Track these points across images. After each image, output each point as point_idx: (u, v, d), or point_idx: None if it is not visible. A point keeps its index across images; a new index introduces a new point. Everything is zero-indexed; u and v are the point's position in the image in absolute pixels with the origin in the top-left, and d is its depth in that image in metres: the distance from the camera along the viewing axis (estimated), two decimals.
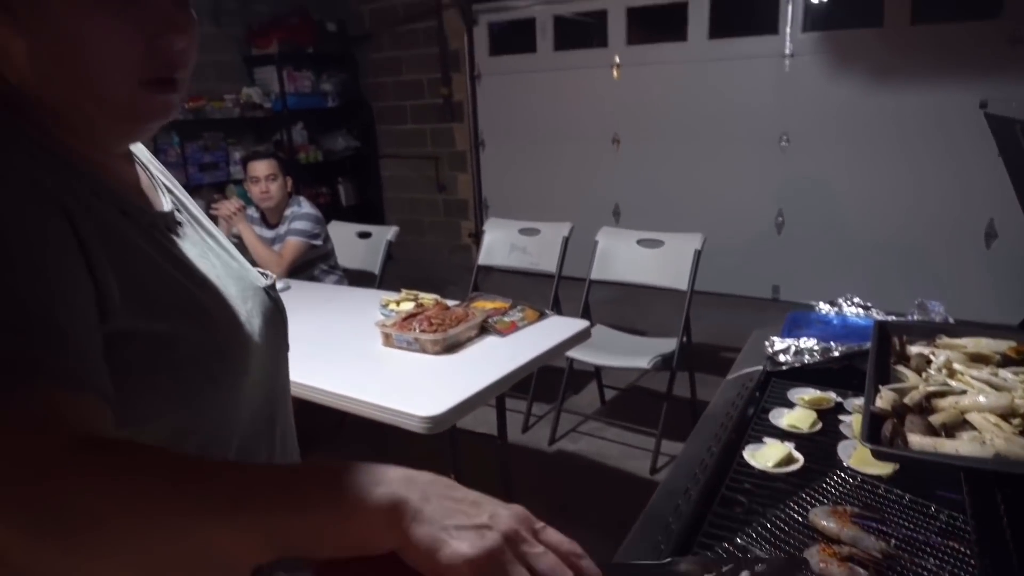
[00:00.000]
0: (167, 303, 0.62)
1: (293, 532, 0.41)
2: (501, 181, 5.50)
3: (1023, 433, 0.81)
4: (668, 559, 0.67)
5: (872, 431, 0.81)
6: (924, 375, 0.98)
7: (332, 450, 2.73)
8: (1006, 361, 1.03)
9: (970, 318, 1.49)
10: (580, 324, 2.08)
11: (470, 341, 1.94)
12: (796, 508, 0.89)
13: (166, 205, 0.73)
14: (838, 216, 4.27)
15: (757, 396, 1.27)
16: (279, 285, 0.83)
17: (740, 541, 0.84)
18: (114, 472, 0.43)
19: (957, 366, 0.98)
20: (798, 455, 1.02)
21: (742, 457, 1.04)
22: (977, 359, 1.03)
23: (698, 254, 2.70)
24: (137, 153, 0.75)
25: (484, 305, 2.15)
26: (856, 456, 0.99)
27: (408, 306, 2.17)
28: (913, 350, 1.06)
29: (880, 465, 0.93)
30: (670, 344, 2.73)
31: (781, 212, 4.47)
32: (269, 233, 2.99)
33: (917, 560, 0.77)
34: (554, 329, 2.04)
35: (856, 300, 1.59)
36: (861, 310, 1.54)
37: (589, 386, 3.29)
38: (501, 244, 3.19)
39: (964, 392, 0.90)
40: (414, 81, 5.66)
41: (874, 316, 1.48)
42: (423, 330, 1.87)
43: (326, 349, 1.94)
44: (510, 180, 5.45)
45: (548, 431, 2.94)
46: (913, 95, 3.91)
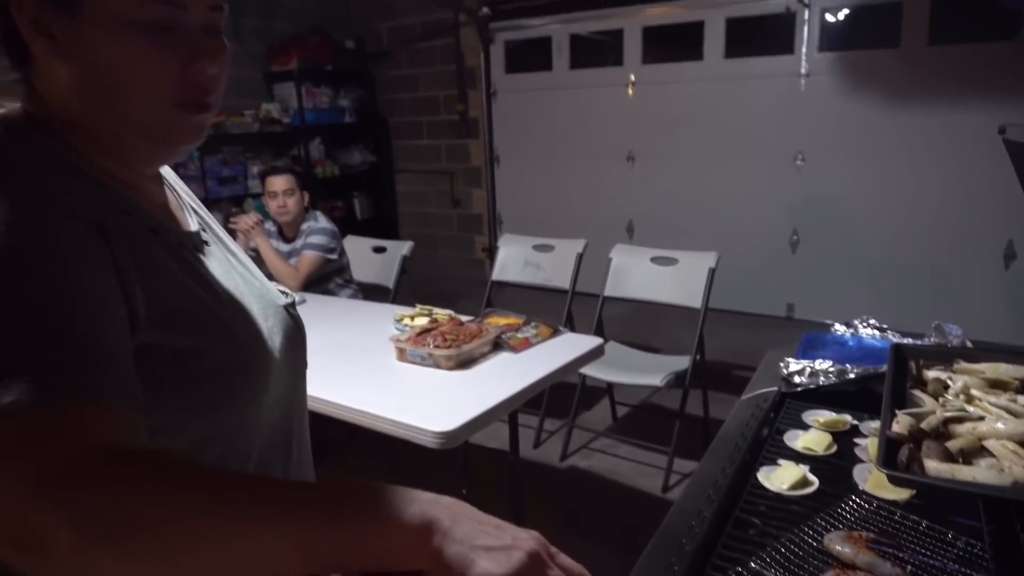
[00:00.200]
0: (192, 319, 0.63)
1: (328, 546, 0.42)
2: (515, 197, 5.53)
3: None
4: None
5: (888, 456, 0.81)
6: (941, 400, 0.98)
7: (345, 463, 2.73)
8: None
9: (988, 340, 1.48)
10: (593, 341, 2.08)
11: (484, 357, 1.94)
12: (811, 532, 0.89)
13: (193, 225, 0.75)
14: (853, 235, 4.25)
15: (771, 417, 1.26)
16: (296, 297, 0.85)
17: (754, 565, 0.83)
18: (158, 480, 0.44)
19: (975, 392, 0.97)
20: (813, 478, 1.02)
21: (756, 479, 1.03)
22: (996, 385, 1.02)
23: (712, 272, 2.69)
24: (165, 175, 0.77)
25: (498, 321, 2.16)
26: (872, 480, 0.98)
27: (422, 321, 2.19)
28: (930, 374, 1.05)
29: (896, 490, 0.93)
30: (683, 362, 2.72)
31: (796, 231, 4.45)
32: (286, 247, 3.02)
33: None
34: (567, 346, 2.05)
35: (872, 321, 1.58)
36: (877, 332, 1.53)
37: (601, 402, 3.28)
38: (515, 260, 3.20)
39: (982, 418, 0.89)
40: (430, 97, 5.71)
41: (890, 338, 1.47)
42: (437, 345, 1.88)
43: (341, 363, 1.95)
44: (524, 196, 5.48)
45: (560, 447, 2.93)
46: (930, 115, 3.90)
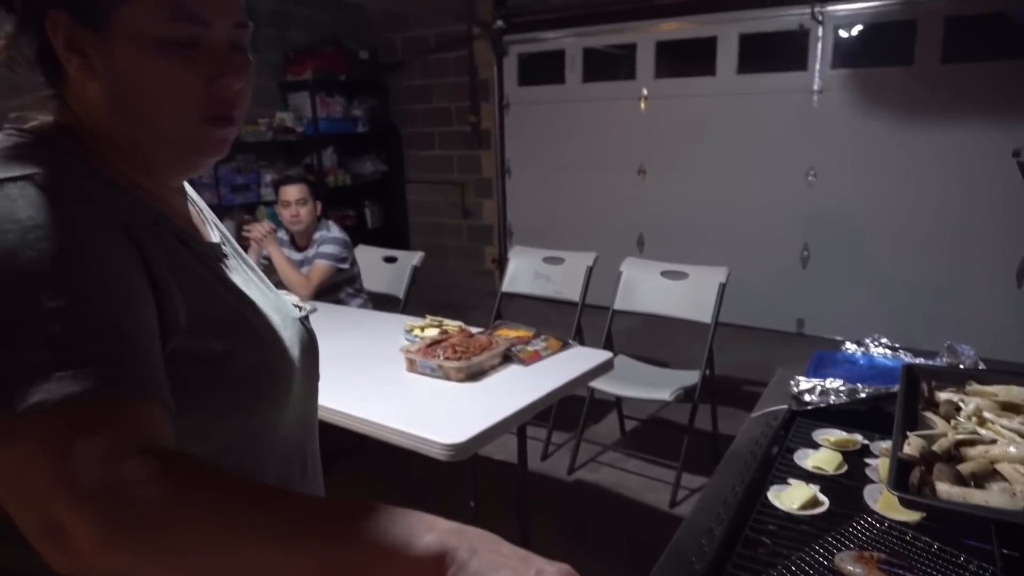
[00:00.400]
0: (222, 323, 0.65)
1: (344, 566, 0.43)
2: (526, 208, 5.55)
3: None
4: None
5: (899, 478, 0.81)
6: (953, 423, 0.98)
7: (353, 472, 2.74)
8: None
9: (1000, 358, 1.47)
10: (603, 355, 2.08)
11: (493, 369, 1.95)
12: (821, 552, 0.89)
13: (215, 237, 0.77)
14: (864, 251, 4.24)
15: (782, 435, 1.26)
16: (307, 306, 0.86)
17: None
18: (186, 483, 0.45)
19: (987, 414, 0.97)
20: (823, 498, 1.01)
21: (766, 498, 1.03)
22: (1008, 408, 1.01)
23: (723, 287, 2.69)
24: (187, 190, 0.79)
25: (507, 333, 2.16)
26: (883, 501, 0.98)
27: (432, 332, 2.19)
28: (942, 396, 1.05)
29: (908, 511, 0.92)
30: (692, 377, 2.71)
31: (807, 246, 4.44)
32: (297, 256, 3.04)
33: None
34: (577, 360, 2.05)
35: (883, 340, 1.57)
36: (888, 351, 1.53)
37: (609, 416, 3.28)
38: (525, 272, 3.21)
39: (994, 441, 0.89)
40: (443, 108, 5.75)
41: (902, 358, 1.47)
42: (447, 357, 1.88)
43: (351, 373, 1.96)
44: (535, 207, 5.50)
45: (567, 460, 2.92)
46: (943, 133, 3.90)
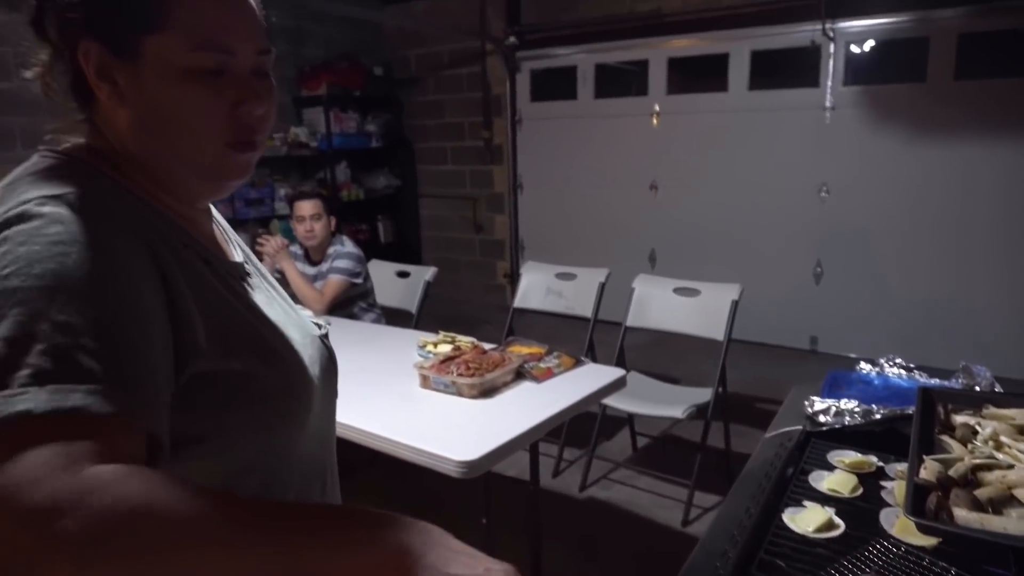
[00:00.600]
0: (242, 344, 0.67)
1: (307, 563, 0.45)
2: (538, 223, 5.57)
3: None
4: None
5: (916, 503, 0.80)
6: (970, 446, 0.97)
7: (365, 487, 2.74)
8: None
9: (1017, 377, 1.46)
10: (615, 373, 2.08)
11: (506, 386, 1.95)
12: None
13: (238, 256, 0.79)
14: (878, 269, 4.22)
15: (796, 456, 1.26)
16: (320, 320, 0.88)
17: None
18: (135, 494, 0.45)
19: (1004, 439, 0.96)
20: (839, 521, 1.01)
21: (781, 520, 1.03)
22: None
23: (735, 305, 2.69)
24: (211, 210, 0.81)
25: (520, 350, 2.17)
26: (900, 525, 0.97)
27: (446, 348, 2.20)
28: (958, 420, 1.05)
29: (925, 536, 0.92)
30: (705, 394, 2.71)
31: (820, 263, 4.43)
32: (311, 270, 3.07)
33: None
34: (589, 377, 2.05)
35: (898, 361, 1.57)
36: (903, 371, 1.53)
37: (621, 432, 3.27)
38: (537, 287, 3.22)
39: (1012, 466, 0.89)
40: (456, 124, 5.80)
41: (917, 379, 1.46)
42: (460, 374, 1.89)
43: (364, 388, 1.97)
44: (547, 222, 5.52)
45: (579, 477, 2.91)
46: (956, 151, 3.89)
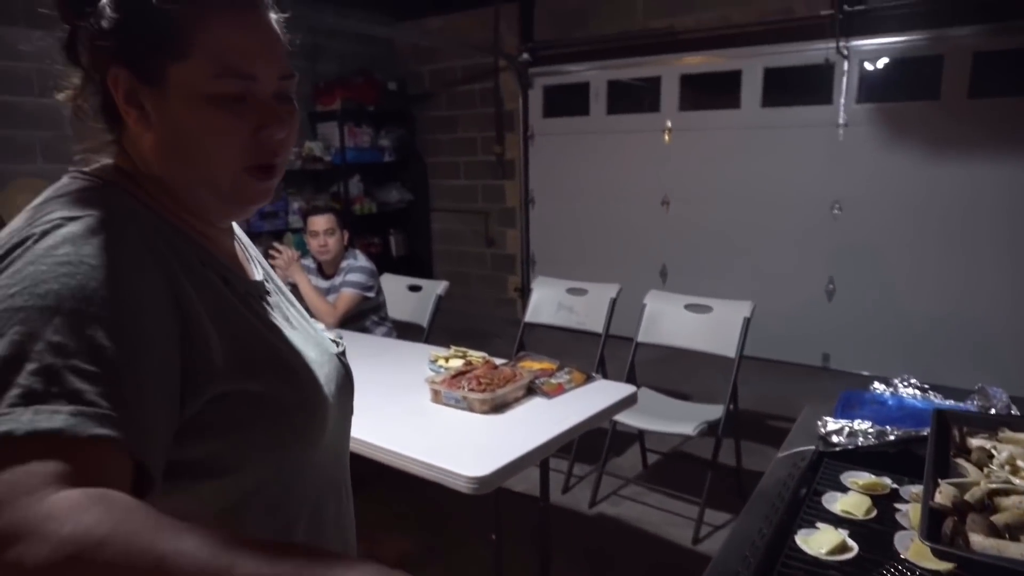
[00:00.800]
0: (260, 363, 0.67)
1: None
2: (549, 238, 5.58)
3: None
4: None
5: (931, 528, 0.80)
6: (986, 470, 0.96)
7: (372, 500, 2.74)
8: None
9: None
10: (627, 389, 2.08)
11: (517, 402, 1.95)
12: None
13: (258, 275, 0.80)
14: (891, 286, 4.20)
15: (809, 477, 1.25)
16: (331, 335, 0.89)
17: None
18: (102, 519, 0.44)
19: (1021, 463, 0.95)
20: (852, 543, 1.00)
21: (794, 541, 1.02)
22: None
23: (747, 322, 2.68)
24: (233, 228, 0.82)
25: (531, 365, 2.17)
26: (914, 549, 0.96)
27: (457, 363, 2.21)
28: (974, 443, 1.04)
29: (939, 561, 0.91)
30: (716, 411, 2.69)
31: (832, 279, 4.41)
32: (324, 284, 3.09)
33: None
34: (601, 393, 2.05)
35: (912, 381, 1.55)
36: (918, 392, 1.51)
37: (632, 448, 3.25)
38: (548, 302, 3.22)
39: None
40: (468, 139, 5.84)
41: (931, 399, 1.45)
42: (472, 389, 1.90)
43: (376, 402, 1.97)
44: (558, 237, 5.53)
45: (589, 493, 2.90)
46: (970, 169, 3.87)
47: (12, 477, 0.45)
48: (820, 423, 1.36)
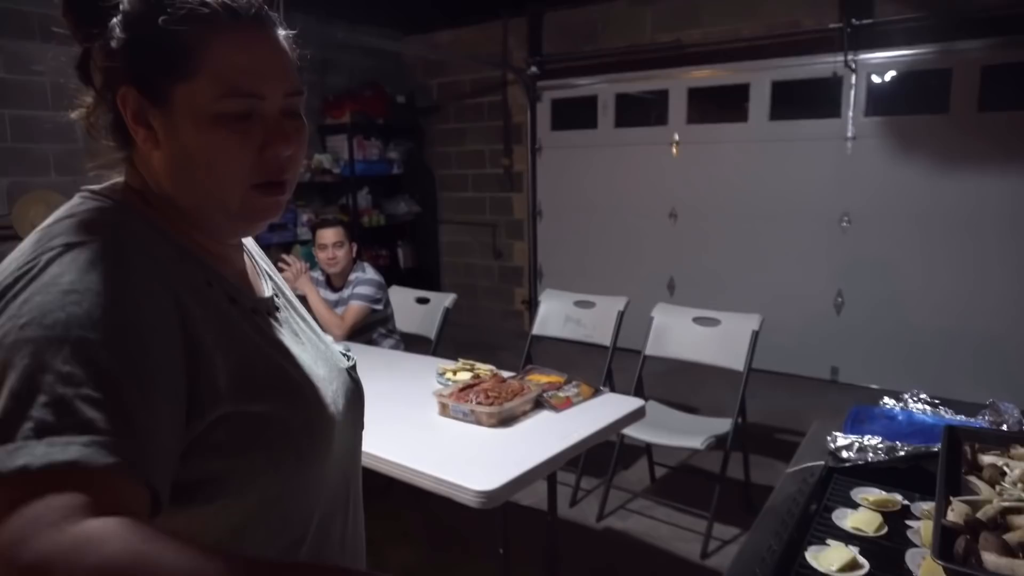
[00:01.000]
0: (265, 384, 0.67)
1: None
2: (556, 250, 5.59)
3: None
4: None
5: (944, 547, 0.79)
6: (998, 488, 0.95)
7: (380, 513, 2.74)
8: None
9: None
10: (635, 403, 2.07)
11: (525, 415, 1.95)
12: None
13: (267, 291, 0.80)
14: (900, 299, 4.18)
15: (819, 493, 1.24)
16: (340, 348, 0.89)
17: None
18: (127, 550, 0.45)
19: None
20: (863, 560, 0.99)
21: (804, 558, 1.01)
22: None
23: (756, 335, 2.67)
24: (244, 242, 0.83)
25: (539, 379, 2.17)
26: (925, 567, 0.95)
27: (465, 376, 2.21)
28: (986, 460, 1.03)
29: None
30: (724, 425, 2.68)
31: (841, 292, 4.39)
32: (332, 296, 3.10)
33: None
34: (608, 407, 2.04)
35: (923, 396, 1.55)
36: (928, 407, 1.50)
37: (639, 462, 3.24)
38: (556, 315, 3.22)
39: None
40: (476, 151, 5.87)
41: (942, 415, 1.44)
42: (480, 402, 1.89)
43: (383, 414, 1.97)
44: (565, 249, 5.53)
45: (596, 506, 2.88)
46: (980, 182, 3.86)
47: (34, 512, 0.45)
48: (830, 438, 1.35)
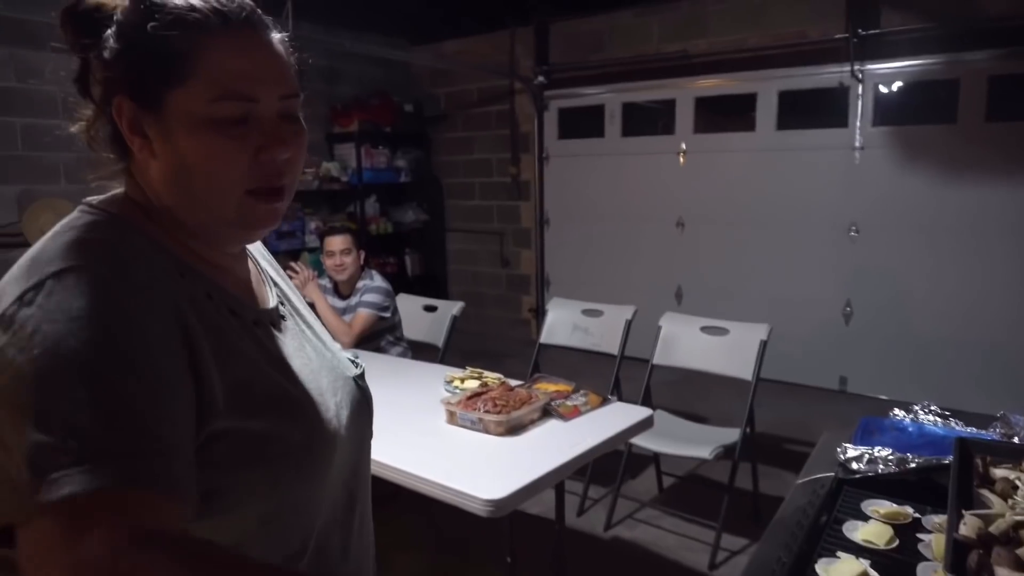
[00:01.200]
0: (264, 402, 0.67)
1: None
2: (564, 259, 5.59)
3: None
4: None
5: (956, 561, 0.79)
6: (1010, 502, 0.95)
7: (386, 521, 2.73)
8: None
9: None
10: (643, 412, 2.06)
11: (533, 424, 1.95)
12: None
13: (271, 300, 0.79)
14: (909, 309, 4.16)
15: (829, 505, 1.23)
16: (349, 355, 0.89)
17: None
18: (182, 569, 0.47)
19: None
20: (874, 573, 0.99)
21: (814, 571, 1.01)
22: None
23: (764, 345, 2.66)
24: (250, 248, 0.82)
25: (547, 387, 2.17)
26: None
27: (473, 384, 2.21)
28: (998, 473, 1.02)
29: None
30: (732, 434, 2.67)
31: (849, 302, 4.37)
32: (340, 303, 3.11)
33: None
34: (616, 416, 2.04)
35: (933, 407, 1.54)
36: (939, 419, 1.50)
37: (647, 471, 3.22)
38: (564, 324, 3.22)
39: None
40: (484, 160, 5.89)
41: (953, 427, 1.43)
42: (488, 410, 1.89)
43: (390, 422, 1.97)
44: (573, 258, 5.54)
45: (604, 516, 2.87)
46: (987, 192, 3.85)
47: (90, 541, 0.47)
48: (839, 449, 1.34)
